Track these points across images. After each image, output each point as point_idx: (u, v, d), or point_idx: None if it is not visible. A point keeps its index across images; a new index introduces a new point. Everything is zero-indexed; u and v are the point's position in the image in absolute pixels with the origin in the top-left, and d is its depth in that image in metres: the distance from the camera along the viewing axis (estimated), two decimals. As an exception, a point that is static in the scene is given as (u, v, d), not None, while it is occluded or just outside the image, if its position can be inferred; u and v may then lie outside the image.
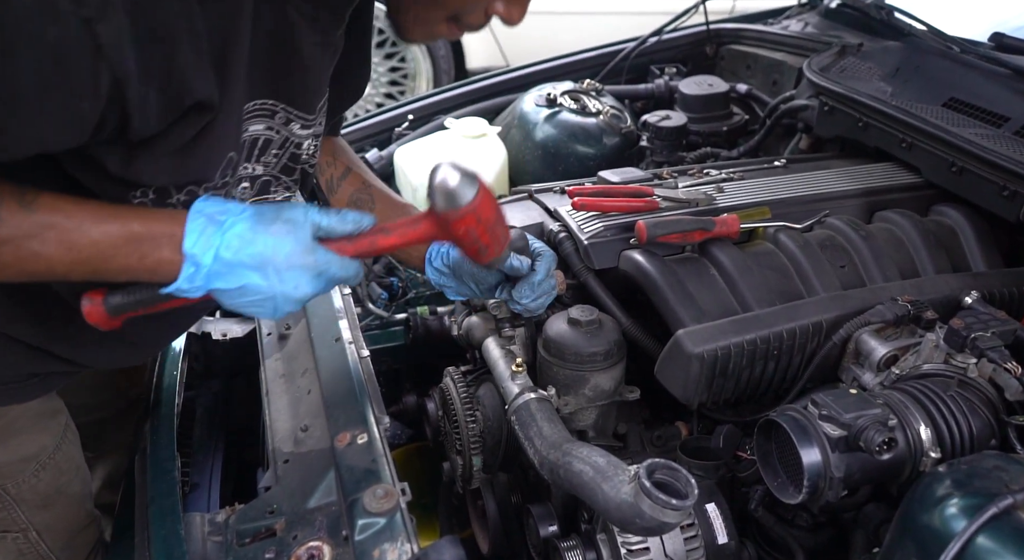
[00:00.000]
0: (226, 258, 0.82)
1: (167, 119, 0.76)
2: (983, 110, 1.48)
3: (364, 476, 1.00)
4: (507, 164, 2.06)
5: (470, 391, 1.27)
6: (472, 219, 0.87)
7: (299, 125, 0.94)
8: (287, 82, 0.89)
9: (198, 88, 0.76)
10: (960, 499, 0.81)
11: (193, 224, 0.81)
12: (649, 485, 0.83)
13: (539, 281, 1.10)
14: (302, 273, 0.85)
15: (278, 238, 0.84)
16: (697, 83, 2.15)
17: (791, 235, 1.32)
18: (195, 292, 0.83)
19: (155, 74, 0.72)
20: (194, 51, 0.74)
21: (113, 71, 0.69)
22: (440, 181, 0.85)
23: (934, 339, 1.11)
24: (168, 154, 0.80)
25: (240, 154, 0.89)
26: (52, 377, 1.07)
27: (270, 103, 0.89)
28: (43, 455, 1.11)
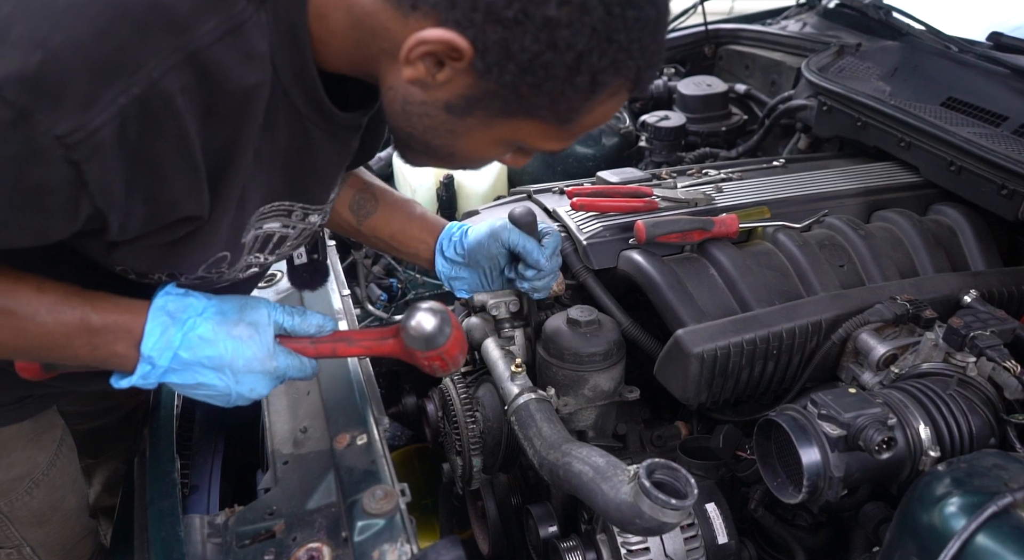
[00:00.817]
0: (185, 358, 0.82)
1: (149, 228, 0.76)
2: (981, 109, 1.48)
3: (363, 477, 1.00)
4: (506, 165, 2.06)
5: (470, 392, 1.27)
6: (437, 357, 0.95)
7: (317, 216, 0.95)
8: (303, 184, 0.88)
9: (187, 208, 0.75)
10: (959, 498, 0.81)
11: (154, 323, 0.81)
12: (648, 485, 0.83)
13: (546, 259, 1.11)
14: (260, 377, 0.87)
15: (239, 342, 0.84)
16: (696, 83, 2.15)
17: (790, 235, 1.32)
18: (147, 386, 0.84)
19: (142, 197, 0.72)
20: (187, 179, 0.73)
21: (93, 202, 0.69)
22: (416, 325, 0.92)
23: (933, 338, 1.11)
24: (149, 248, 0.79)
25: (238, 252, 0.87)
26: (47, 397, 1.06)
27: (287, 204, 0.89)
28: (36, 472, 1.10)
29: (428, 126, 0.79)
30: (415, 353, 0.94)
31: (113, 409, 1.39)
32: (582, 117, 0.77)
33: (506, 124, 0.77)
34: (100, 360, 0.82)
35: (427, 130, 0.79)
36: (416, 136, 0.81)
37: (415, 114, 0.78)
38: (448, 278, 1.17)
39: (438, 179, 1.97)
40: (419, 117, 0.78)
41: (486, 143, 0.81)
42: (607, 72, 0.72)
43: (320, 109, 0.81)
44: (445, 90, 0.74)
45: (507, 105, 0.74)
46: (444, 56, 0.71)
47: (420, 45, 0.70)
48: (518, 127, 0.78)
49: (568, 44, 0.69)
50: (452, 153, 0.83)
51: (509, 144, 0.83)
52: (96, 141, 0.65)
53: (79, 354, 0.81)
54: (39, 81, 0.62)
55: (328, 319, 0.95)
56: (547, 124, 0.77)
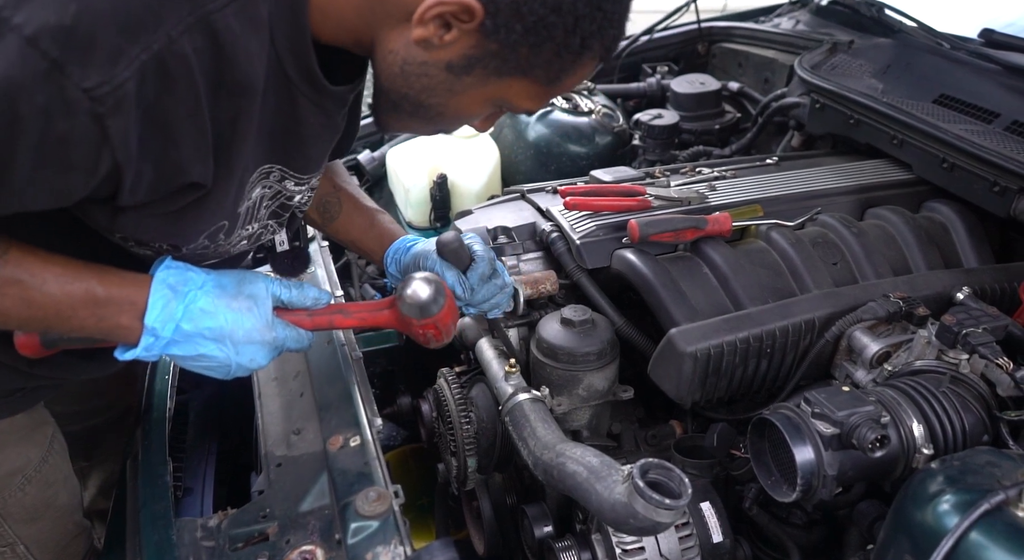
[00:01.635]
0: (186, 330, 0.85)
1: (157, 194, 0.78)
2: (973, 106, 1.48)
3: (357, 479, 1.00)
4: (499, 164, 2.06)
5: (464, 392, 1.27)
6: (432, 326, 0.99)
7: (292, 183, 0.96)
8: (286, 149, 0.91)
9: (194, 174, 0.78)
10: (953, 495, 0.81)
11: (156, 296, 0.84)
12: (643, 485, 0.83)
13: (466, 289, 1.10)
14: (259, 348, 0.90)
15: (239, 314, 0.87)
16: (689, 81, 2.15)
17: (783, 233, 1.32)
18: (150, 358, 0.86)
19: (153, 158, 0.74)
20: (195, 144, 0.76)
21: (114, 156, 0.71)
22: (411, 293, 0.96)
23: (926, 335, 1.11)
24: (153, 217, 0.81)
25: (235, 222, 0.90)
26: (38, 391, 1.06)
27: (266, 167, 0.90)
28: (29, 468, 1.10)
29: (426, 86, 0.84)
30: (411, 322, 0.97)
31: (104, 408, 1.39)
32: (566, 78, 0.85)
33: (500, 83, 0.83)
34: (105, 331, 0.83)
35: (424, 90, 0.84)
36: (411, 97, 0.86)
37: (414, 74, 0.83)
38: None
39: (431, 179, 1.97)
40: (417, 77, 0.83)
41: (477, 102, 0.86)
42: (594, 37, 0.80)
43: (310, 79, 0.84)
44: (449, 51, 0.80)
45: (505, 64, 0.81)
46: (454, 17, 0.76)
47: (437, 6, 0.75)
48: (509, 85, 0.84)
49: (569, 9, 0.77)
50: (442, 113, 0.88)
51: (495, 103, 0.88)
52: (120, 95, 0.67)
53: (85, 325, 0.82)
54: (72, 34, 0.64)
55: (324, 292, 0.98)
56: (536, 84, 0.84)
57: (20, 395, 1.04)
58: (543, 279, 1.31)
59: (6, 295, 0.78)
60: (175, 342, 0.85)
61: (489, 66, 0.81)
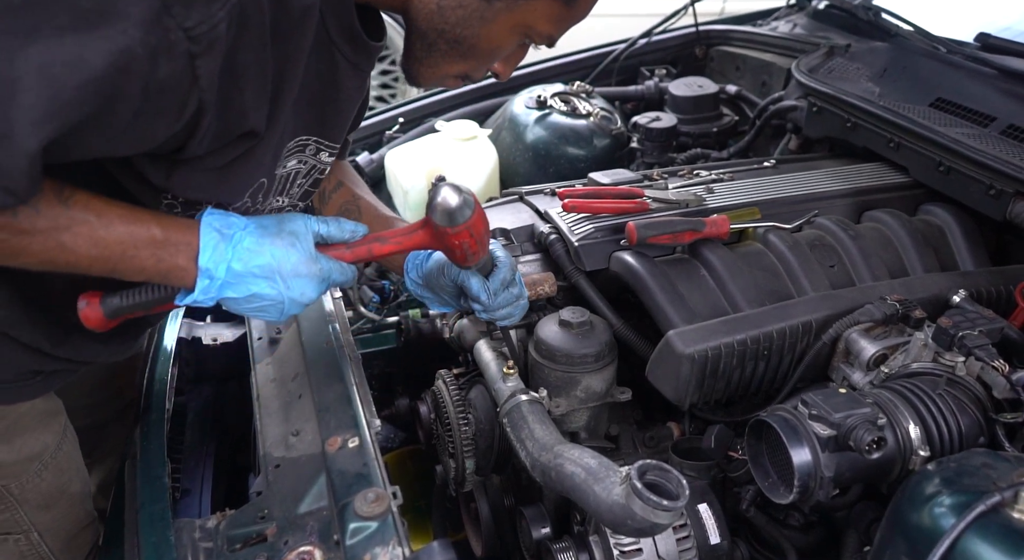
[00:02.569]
0: (237, 270, 0.88)
1: (217, 144, 0.83)
2: (970, 110, 1.49)
3: (355, 480, 1.00)
4: (498, 166, 2.06)
5: (462, 394, 1.27)
6: (466, 234, 0.98)
7: (327, 154, 1.02)
8: (324, 118, 0.96)
9: (251, 121, 0.83)
10: (949, 497, 0.82)
11: (206, 238, 0.87)
12: (640, 486, 0.83)
13: (489, 295, 1.11)
14: (308, 281, 0.93)
15: (284, 250, 0.91)
16: (687, 84, 2.16)
17: (781, 235, 1.32)
18: (207, 302, 0.89)
19: (224, 104, 0.78)
20: (257, 88, 0.81)
21: (201, 100, 0.75)
22: (441, 200, 0.95)
23: (922, 338, 1.11)
24: (205, 171, 0.86)
25: (272, 184, 0.95)
26: (54, 376, 1.08)
27: (303, 139, 0.96)
28: (45, 454, 1.11)
29: (461, 17, 0.91)
30: (445, 233, 0.97)
31: (108, 402, 1.40)
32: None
33: (526, 6, 0.91)
34: (163, 272, 0.87)
35: (459, 22, 0.91)
36: (447, 32, 0.92)
37: (449, 7, 0.91)
38: (416, 295, 1.21)
39: (430, 180, 1.96)
40: (453, 10, 0.91)
41: (505, 30, 0.93)
42: None
43: (351, 36, 0.91)
44: None
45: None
46: None
47: None
48: (535, 8, 0.92)
49: None
50: (475, 45, 0.94)
51: (521, 32, 0.95)
52: (212, 37, 0.72)
53: (145, 265, 0.85)
54: None
55: (360, 225, 1.01)
56: (557, 3, 0.92)
57: (39, 380, 1.06)
58: (541, 281, 1.31)
59: (77, 234, 0.81)
60: (228, 284, 0.88)
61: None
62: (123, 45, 0.67)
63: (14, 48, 0.65)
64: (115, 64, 0.67)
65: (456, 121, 2.11)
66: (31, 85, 0.66)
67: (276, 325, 1.38)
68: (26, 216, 0.76)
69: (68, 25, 0.66)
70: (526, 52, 1.03)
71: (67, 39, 0.66)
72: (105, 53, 0.67)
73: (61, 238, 0.80)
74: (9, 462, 1.07)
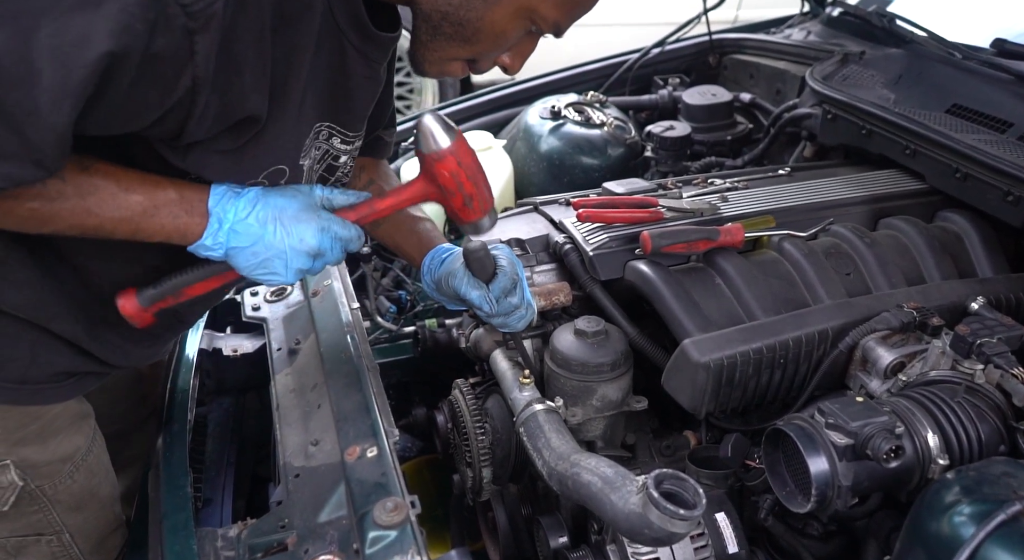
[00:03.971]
0: (241, 217, 0.93)
1: (218, 128, 0.86)
2: (986, 116, 1.48)
3: (374, 489, 1.01)
4: (513, 176, 2.08)
5: (479, 403, 1.28)
6: (453, 162, 0.99)
7: (339, 140, 1.05)
8: (335, 105, 0.99)
9: (252, 105, 0.85)
10: (969, 506, 0.81)
11: (216, 190, 0.93)
12: (657, 495, 0.84)
13: (490, 304, 1.12)
14: (307, 226, 0.96)
15: (285, 200, 0.96)
16: (700, 93, 2.16)
17: (796, 243, 1.32)
18: (217, 249, 0.94)
19: (221, 86, 0.81)
20: (257, 73, 0.84)
21: (195, 76, 0.78)
22: (424, 126, 0.98)
23: (940, 346, 1.11)
24: (218, 153, 0.90)
25: (297, 173, 0.99)
26: (85, 378, 1.11)
27: (317, 125, 0.99)
28: (77, 456, 1.14)
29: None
30: (433, 164, 0.98)
31: (133, 409, 1.43)
32: None
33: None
34: (180, 230, 0.92)
35: (463, 3, 0.92)
36: (451, 14, 0.93)
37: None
38: (433, 296, 1.23)
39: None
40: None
41: (510, 14, 0.93)
42: None
43: (358, 25, 0.93)
44: None
45: None
46: None
47: None
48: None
49: None
50: (480, 28, 0.94)
51: (526, 17, 0.94)
52: (210, 13, 0.74)
53: (164, 223, 0.91)
54: None
55: (364, 194, 1.05)
56: None
57: (71, 381, 1.09)
58: (556, 290, 1.32)
59: (101, 198, 0.86)
60: (234, 231, 0.93)
61: None
62: (124, 22, 0.70)
63: (29, 29, 0.69)
64: (117, 40, 0.70)
65: (471, 132, 2.13)
66: (46, 65, 0.70)
67: (295, 336, 1.40)
68: (54, 185, 0.82)
69: (74, 4, 0.69)
70: (535, 44, 1.02)
71: (75, 18, 0.69)
72: (107, 31, 0.70)
73: (87, 203, 0.85)
74: (42, 463, 1.09)
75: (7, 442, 1.06)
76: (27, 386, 1.04)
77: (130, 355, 1.13)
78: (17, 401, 1.04)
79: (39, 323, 1.01)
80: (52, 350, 1.04)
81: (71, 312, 1.03)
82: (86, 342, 1.06)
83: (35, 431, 1.08)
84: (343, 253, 1.02)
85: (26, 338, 1.01)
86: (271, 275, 0.97)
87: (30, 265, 0.97)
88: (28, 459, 1.08)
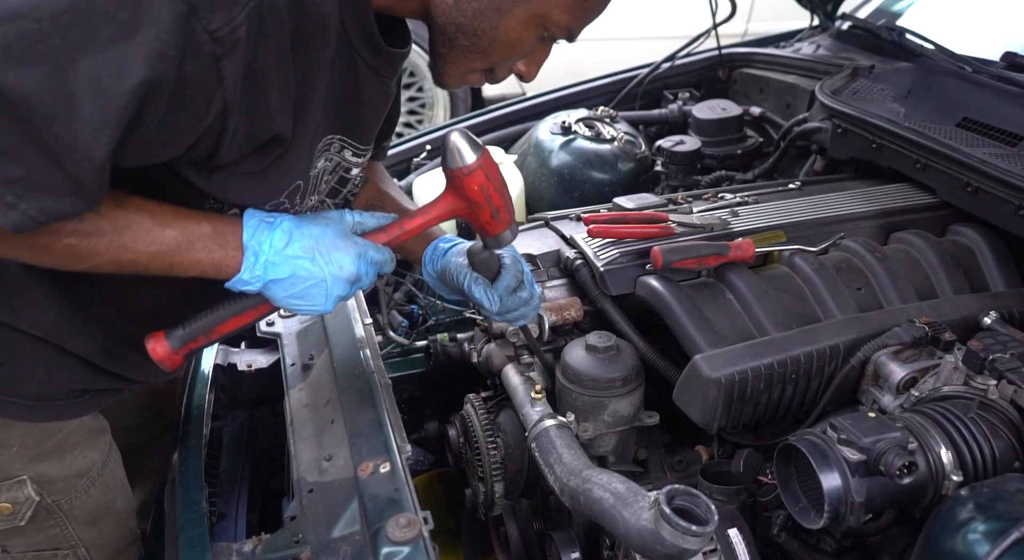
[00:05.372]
0: (278, 248, 0.94)
1: (246, 150, 0.88)
2: (997, 129, 1.48)
3: (387, 505, 1.01)
4: (524, 191, 2.09)
5: (491, 418, 1.28)
6: (482, 175, 0.99)
7: (351, 152, 1.06)
8: (347, 118, 1.01)
9: (277, 125, 0.87)
10: (983, 523, 0.81)
11: (249, 222, 0.94)
12: (669, 511, 0.84)
13: (493, 301, 1.12)
14: (345, 253, 0.97)
15: (321, 228, 0.97)
16: (710, 107, 2.17)
17: (806, 258, 1.32)
18: (254, 282, 0.94)
19: (248, 109, 0.83)
20: (281, 93, 0.86)
21: (225, 100, 0.80)
22: (452, 142, 0.98)
23: (953, 361, 1.10)
24: (242, 175, 0.92)
25: (307, 185, 1.01)
26: (101, 394, 1.13)
27: (329, 137, 1.00)
28: (93, 471, 1.15)
29: (477, 10, 0.94)
30: (461, 179, 0.99)
31: (148, 424, 1.44)
32: None
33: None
34: (215, 263, 0.93)
35: (476, 14, 0.94)
36: (465, 25, 0.95)
37: (465, 1, 0.93)
38: (434, 286, 1.23)
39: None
40: (469, 2, 0.93)
41: (522, 22, 0.95)
42: None
43: (370, 41, 0.95)
44: None
45: None
46: None
47: None
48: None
49: None
50: (494, 38, 0.96)
51: (539, 24, 0.96)
52: (235, 39, 0.76)
53: (199, 257, 0.92)
54: None
55: (390, 215, 1.06)
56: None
57: (87, 397, 1.10)
58: (568, 306, 1.33)
59: (136, 233, 0.87)
60: (272, 264, 0.93)
61: None
62: (158, 50, 0.72)
63: (67, 64, 0.71)
64: (152, 69, 0.73)
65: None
66: (85, 98, 0.71)
67: (309, 351, 1.42)
68: (91, 220, 0.83)
69: (110, 37, 0.71)
70: (549, 49, 1.03)
71: (110, 51, 0.71)
72: (143, 60, 0.72)
73: (122, 238, 0.86)
74: (59, 478, 1.11)
75: (24, 458, 1.07)
76: (44, 403, 1.06)
77: (148, 372, 1.14)
78: (34, 418, 1.06)
79: (55, 342, 1.03)
80: (69, 368, 1.06)
81: (89, 331, 1.04)
82: (101, 360, 1.07)
83: (52, 447, 1.09)
84: (376, 276, 1.03)
85: (43, 356, 1.03)
86: (310, 305, 0.97)
87: (51, 283, 0.99)
88: (45, 474, 1.09)
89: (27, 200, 0.73)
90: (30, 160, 0.72)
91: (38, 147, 0.72)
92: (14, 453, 1.07)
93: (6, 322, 0.99)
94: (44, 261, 0.86)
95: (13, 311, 0.99)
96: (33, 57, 0.69)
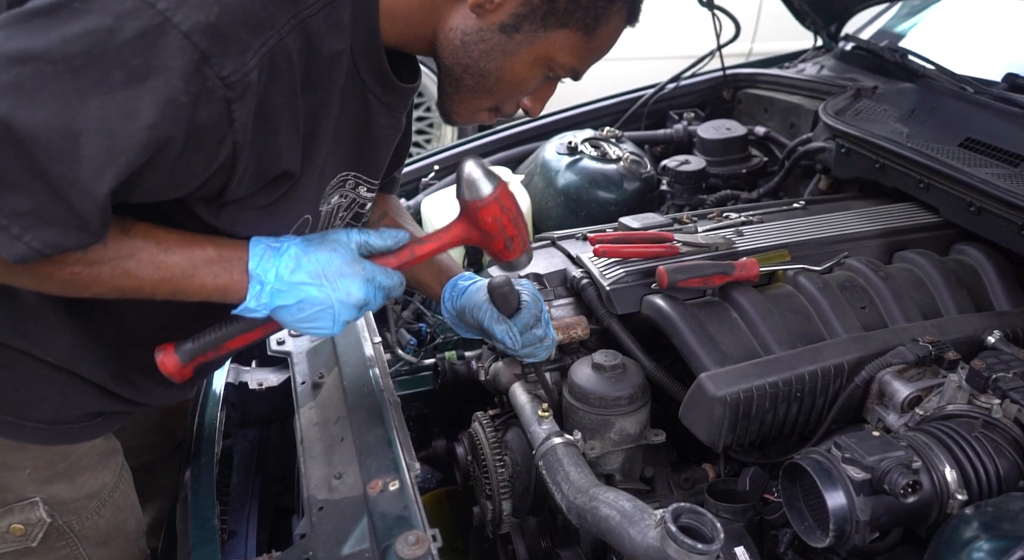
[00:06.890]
0: (284, 276, 0.93)
1: (256, 186, 0.90)
2: (999, 150, 1.49)
3: (396, 523, 1.02)
4: (530, 211, 2.11)
5: (498, 436, 1.29)
6: (496, 207, 0.98)
7: (365, 189, 1.08)
8: (361, 154, 1.02)
9: (286, 162, 0.89)
10: (987, 542, 0.82)
11: (255, 249, 0.94)
12: (675, 529, 0.85)
13: (513, 338, 1.14)
14: (352, 280, 0.96)
15: (328, 254, 0.96)
16: (715, 127, 2.20)
17: (811, 277, 1.34)
18: (261, 310, 0.94)
19: (258, 147, 0.85)
20: (290, 131, 0.87)
21: (235, 142, 0.82)
22: (467, 174, 0.98)
23: (956, 380, 1.11)
24: (251, 210, 0.93)
25: (317, 220, 1.02)
26: (114, 416, 1.14)
27: (343, 174, 1.02)
28: (104, 492, 1.17)
29: (484, 51, 0.95)
30: (476, 210, 0.98)
31: (159, 444, 1.46)
32: (601, 28, 0.96)
33: (546, 38, 0.95)
34: (221, 288, 0.93)
35: (482, 55, 0.96)
36: (471, 66, 0.97)
37: (472, 42, 0.95)
38: (453, 324, 1.25)
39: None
40: (475, 44, 0.95)
41: (528, 62, 0.97)
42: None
43: (381, 78, 0.97)
44: (500, 12, 0.93)
45: (547, 18, 0.93)
46: None
47: None
48: (554, 40, 0.95)
49: None
50: (500, 77, 0.98)
51: (544, 65, 0.98)
52: (245, 83, 0.78)
53: (204, 283, 0.92)
54: (215, 29, 0.76)
55: (401, 232, 1.04)
56: (577, 34, 0.95)
57: (100, 420, 1.12)
58: (574, 324, 1.34)
59: (140, 260, 0.88)
60: (278, 291, 0.93)
61: (535, 21, 0.93)
62: (168, 95, 0.75)
63: (77, 105, 0.73)
64: (162, 112, 0.75)
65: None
66: (92, 138, 0.74)
67: (319, 369, 1.43)
68: (95, 249, 0.84)
69: (121, 81, 0.74)
70: (554, 87, 1.05)
71: (120, 93, 0.74)
72: (153, 104, 0.74)
73: (126, 266, 0.87)
74: (70, 500, 1.12)
75: (36, 480, 1.09)
76: (58, 426, 1.07)
77: (160, 396, 1.16)
78: (48, 441, 1.07)
79: (67, 368, 1.04)
80: (82, 392, 1.07)
81: (100, 356, 1.05)
82: (112, 386, 1.09)
83: (63, 469, 1.11)
84: (385, 300, 1.03)
85: (57, 381, 1.04)
86: (318, 328, 0.96)
87: (64, 311, 1.00)
88: (56, 496, 1.11)
89: (32, 232, 0.75)
90: (38, 194, 0.74)
91: (45, 182, 0.74)
92: (27, 475, 1.08)
93: (21, 348, 1.01)
94: (47, 288, 0.87)
95: (28, 338, 1.01)
96: (44, 96, 0.72)
